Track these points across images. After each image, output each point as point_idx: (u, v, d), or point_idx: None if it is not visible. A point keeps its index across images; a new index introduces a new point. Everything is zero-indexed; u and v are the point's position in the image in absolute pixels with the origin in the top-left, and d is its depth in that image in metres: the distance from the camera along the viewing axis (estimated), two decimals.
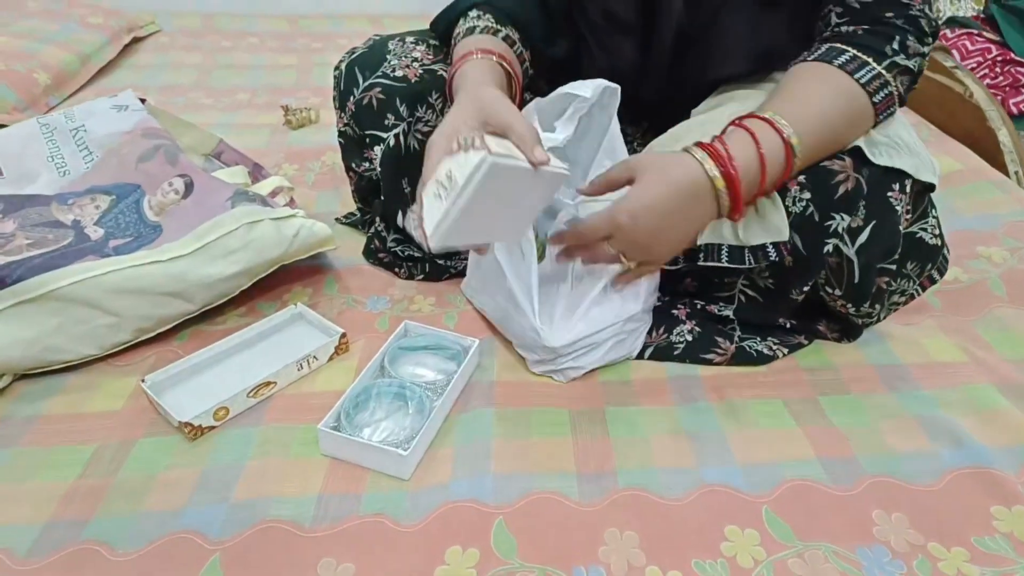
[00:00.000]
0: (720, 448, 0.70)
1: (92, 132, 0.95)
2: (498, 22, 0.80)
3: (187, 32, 1.92)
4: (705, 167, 0.64)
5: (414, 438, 0.66)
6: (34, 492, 0.63)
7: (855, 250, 0.72)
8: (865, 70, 0.68)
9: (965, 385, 0.78)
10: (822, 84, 0.68)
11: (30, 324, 0.71)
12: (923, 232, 0.78)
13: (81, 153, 0.94)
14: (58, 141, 0.93)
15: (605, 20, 0.80)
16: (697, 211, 0.66)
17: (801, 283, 0.77)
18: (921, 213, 0.77)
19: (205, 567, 0.56)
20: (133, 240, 0.81)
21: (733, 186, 0.64)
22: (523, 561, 0.58)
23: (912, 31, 0.69)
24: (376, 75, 0.87)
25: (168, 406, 0.68)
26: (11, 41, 1.51)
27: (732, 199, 0.65)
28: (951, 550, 0.59)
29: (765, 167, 0.65)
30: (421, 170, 0.89)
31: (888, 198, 0.71)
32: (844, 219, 0.70)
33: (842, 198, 0.70)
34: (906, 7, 0.69)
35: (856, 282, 0.74)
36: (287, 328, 0.83)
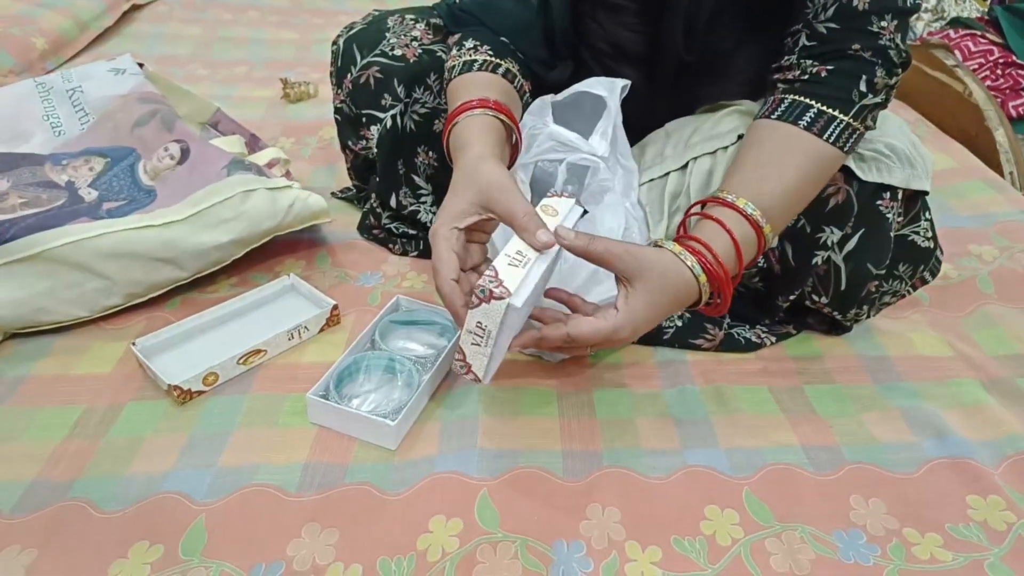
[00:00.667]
0: (705, 432, 0.70)
1: (89, 94, 0.94)
2: (497, 54, 0.76)
3: (189, 4, 1.90)
4: (695, 273, 0.62)
5: (401, 410, 0.66)
6: (21, 451, 0.64)
7: (843, 256, 0.73)
8: (833, 126, 0.66)
9: (950, 379, 0.78)
10: (786, 152, 0.66)
11: (21, 284, 0.71)
12: (915, 235, 0.79)
13: (77, 114, 0.93)
14: (54, 101, 0.93)
15: (611, 49, 0.79)
16: (684, 306, 0.66)
17: (788, 291, 0.78)
18: (913, 216, 0.78)
19: (190, 527, 0.57)
20: (127, 204, 0.81)
21: (725, 289, 0.64)
22: (506, 532, 0.58)
23: (881, 63, 0.66)
24: (374, 53, 0.87)
25: (158, 369, 0.69)
26: (10, 4, 1.50)
27: (723, 297, 0.65)
28: (925, 535, 0.60)
29: (741, 256, 0.64)
30: (417, 151, 0.90)
31: (878, 207, 0.72)
32: (835, 232, 0.71)
33: (833, 211, 0.71)
34: (875, 37, 0.66)
35: (843, 289, 0.75)
36: (279, 299, 0.83)
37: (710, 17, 0.72)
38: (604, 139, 0.74)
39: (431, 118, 0.87)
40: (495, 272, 0.57)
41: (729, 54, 0.76)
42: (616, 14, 0.76)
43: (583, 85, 0.76)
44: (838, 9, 0.66)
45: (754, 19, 0.72)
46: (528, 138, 0.77)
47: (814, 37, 0.68)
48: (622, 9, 0.76)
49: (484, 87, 0.72)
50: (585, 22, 0.79)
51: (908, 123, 1.31)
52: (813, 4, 0.68)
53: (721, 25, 0.73)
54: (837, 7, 0.66)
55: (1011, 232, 1.03)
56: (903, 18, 0.66)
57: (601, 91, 0.74)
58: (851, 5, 0.66)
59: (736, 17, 0.73)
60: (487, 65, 0.75)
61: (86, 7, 1.61)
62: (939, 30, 1.78)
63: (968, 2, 1.99)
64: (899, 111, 1.38)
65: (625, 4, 0.75)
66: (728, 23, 0.73)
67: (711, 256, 0.63)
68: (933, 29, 1.91)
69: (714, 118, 0.78)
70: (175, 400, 0.68)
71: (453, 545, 0.57)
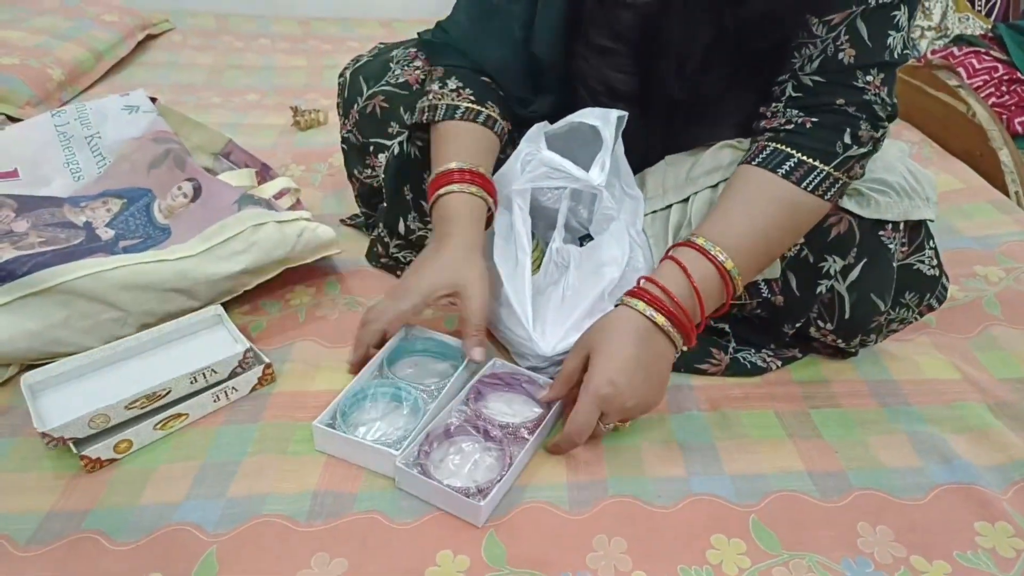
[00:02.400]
0: (710, 458, 0.71)
1: (106, 138, 0.97)
2: (478, 99, 0.79)
3: (200, 32, 1.94)
4: (638, 309, 0.66)
5: (406, 439, 0.67)
6: (36, 482, 0.65)
7: (846, 286, 0.74)
8: (812, 175, 0.67)
9: (956, 403, 0.78)
10: (760, 197, 0.68)
11: (38, 316, 0.73)
12: (920, 264, 0.79)
13: (95, 158, 0.96)
14: (73, 148, 0.96)
15: (604, 88, 0.80)
16: (657, 348, 0.67)
17: (793, 320, 0.79)
18: (918, 245, 0.78)
19: (201, 559, 0.58)
20: (142, 241, 0.83)
21: (677, 321, 0.66)
22: (512, 568, 0.59)
23: (865, 118, 0.66)
24: (380, 83, 0.89)
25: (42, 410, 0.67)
26: (27, 36, 1.53)
27: (683, 333, 0.67)
28: (933, 563, 0.60)
29: (700, 297, 0.66)
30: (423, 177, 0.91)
31: (880, 237, 0.73)
32: (837, 261, 0.72)
33: (835, 240, 0.72)
34: (860, 92, 0.66)
35: (847, 318, 0.76)
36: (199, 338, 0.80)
37: (702, 59, 0.73)
38: (602, 170, 0.75)
39: None
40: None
41: (720, 97, 0.76)
42: (607, 57, 0.77)
43: (579, 116, 0.78)
44: (823, 62, 0.67)
45: (744, 64, 0.73)
46: (523, 163, 0.79)
47: (800, 89, 0.69)
48: (613, 52, 0.77)
49: (467, 143, 0.78)
50: (577, 63, 0.80)
51: (913, 144, 1.33)
52: (800, 56, 0.68)
53: (712, 68, 0.74)
54: (822, 60, 0.67)
55: (1017, 253, 1.03)
56: (889, 71, 0.67)
57: (595, 121, 0.76)
58: (836, 58, 0.66)
59: (726, 61, 0.73)
60: (469, 113, 0.78)
61: (102, 37, 1.65)
62: (943, 48, 1.79)
63: (972, 20, 2.00)
64: (903, 132, 1.39)
65: (616, 47, 0.76)
66: (718, 67, 0.74)
67: (658, 292, 0.66)
68: (937, 47, 1.92)
69: (712, 150, 0.78)
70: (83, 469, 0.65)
71: None
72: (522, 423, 0.70)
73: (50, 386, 0.71)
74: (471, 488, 0.62)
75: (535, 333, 0.76)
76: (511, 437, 0.68)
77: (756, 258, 0.69)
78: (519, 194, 0.78)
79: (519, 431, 0.69)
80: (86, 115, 0.97)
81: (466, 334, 0.73)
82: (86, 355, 0.73)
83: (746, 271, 0.68)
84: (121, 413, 0.67)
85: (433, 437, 0.67)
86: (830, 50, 0.66)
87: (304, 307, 0.89)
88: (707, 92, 0.76)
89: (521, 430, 0.69)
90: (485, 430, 0.68)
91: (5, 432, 0.70)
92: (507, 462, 0.65)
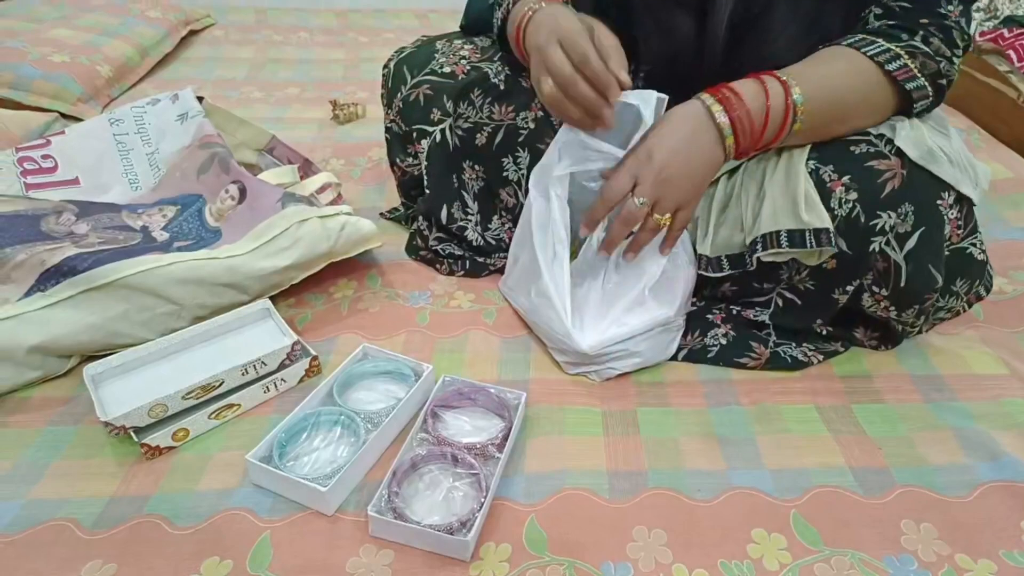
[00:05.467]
0: (750, 452, 0.71)
1: (162, 152, 1.02)
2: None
3: (241, 26, 1.98)
4: (707, 104, 0.70)
5: (336, 474, 0.63)
6: (99, 468, 0.68)
7: (903, 254, 0.72)
8: (889, 55, 0.71)
9: (1004, 399, 0.77)
10: (842, 62, 0.72)
11: (98, 310, 0.76)
12: (972, 248, 0.78)
13: (152, 171, 1.01)
14: (132, 160, 1.01)
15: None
16: (707, 143, 0.70)
17: (845, 283, 0.76)
18: (971, 229, 0.77)
19: (256, 543, 0.60)
20: (195, 242, 0.86)
21: (738, 127, 0.69)
22: (554, 555, 0.60)
23: (940, 36, 0.71)
24: (424, 72, 0.90)
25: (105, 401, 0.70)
26: (77, 34, 1.58)
27: (738, 141, 0.70)
28: (978, 562, 0.60)
29: (768, 119, 0.70)
30: (463, 167, 0.92)
31: (938, 206, 0.71)
32: (891, 216, 0.70)
33: (889, 196, 0.70)
34: (943, 17, 0.71)
35: (903, 286, 0.74)
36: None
37: None
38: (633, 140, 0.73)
39: (473, 132, 0.90)
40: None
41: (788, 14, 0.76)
42: None
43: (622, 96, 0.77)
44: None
45: None
46: (561, 149, 0.77)
47: (885, 14, 0.74)
48: None
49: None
50: None
51: (961, 131, 1.30)
52: None
53: None
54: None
55: None
56: (967, 5, 0.73)
57: (635, 101, 0.74)
58: None
59: None
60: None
61: (147, 34, 1.69)
62: (992, 29, 1.73)
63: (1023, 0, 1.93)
64: (952, 119, 1.35)
65: None
66: None
67: (735, 98, 0.69)
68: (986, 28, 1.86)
69: None
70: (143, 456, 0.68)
71: (503, 571, 0.59)
72: (489, 440, 0.68)
73: (111, 377, 0.75)
74: (453, 523, 0.59)
75: (574, 329, 0.76)
76: (481, 458, 0.66)
77: (824, 106, 0.71)
78: (558, 182, 0.77)
79: (487, 449, 0.67)
80: (146, 131, 1.02)
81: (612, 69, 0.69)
82: (144, 347, 0.76)
83: (811, 117, 0.71)
84: (178, 403, 0.70)
85: (400, 473, 0.64)
86: None
87: (347, 300, 0.92)
88: (768, 6, 0.75)
89: (489, 447, 0.67)
90: (453, 456, 0.66)
91: (69, 420, 0.73)
92: (483, 487, 0.63)
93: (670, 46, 0.81)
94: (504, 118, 0.89)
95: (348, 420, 0.70)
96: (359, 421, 0.69)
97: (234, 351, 0.77)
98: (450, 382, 0.75)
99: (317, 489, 0.62)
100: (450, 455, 0.66)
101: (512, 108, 0.88)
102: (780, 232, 0.72)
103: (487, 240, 0.97)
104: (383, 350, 0.79)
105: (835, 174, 0.72)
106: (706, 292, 0.86)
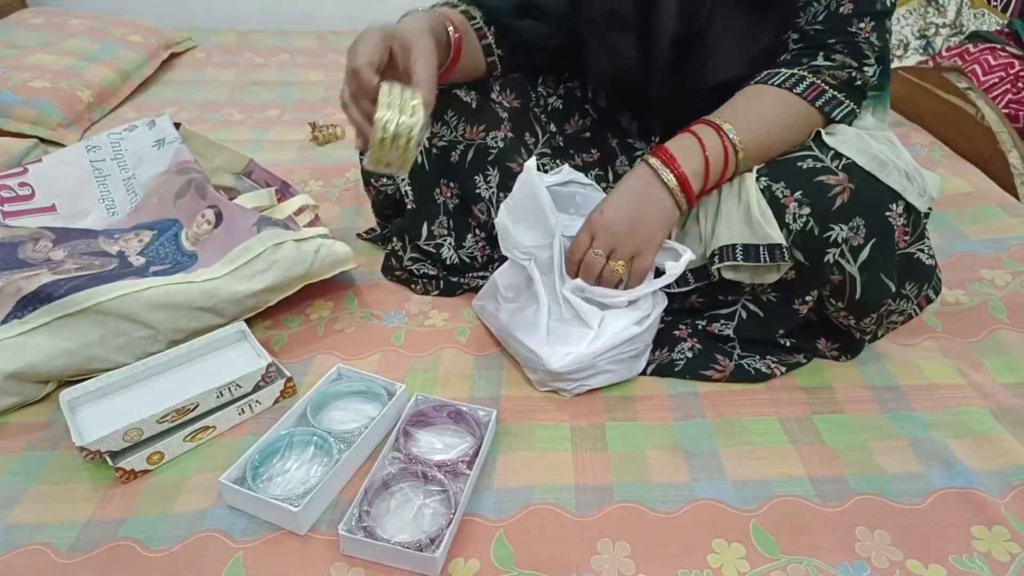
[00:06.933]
0: (713, 464, 0.73)
1: (139, 177, 1.04)
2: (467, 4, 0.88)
3: (222, 48, 2.00)
4: (653, 165, 0.77)
5: (308, 494, 0.64)
6: (75, 493, 0.69)
7: (857, 266, 0.75)
8: (792, 80, 0.78)
9: (960, 408, 0.80)
10: (760, 96, 0.80)
11: (75, 336, 0.77)
12: (920, 253, 0.81)
13: (128, 196, 1.03)
14: (109, 186, 1.04)
15: (605, 18, 0.86)
16: (656, 194, 0.77)
17: (804, 293, 0.80)
18: (918, 235, 0.80)
19: (228, 564, 0.62)
20: (171, 267, 0.88)
21: (683, 182, 0.76)
22: (521, 569, 0.62)
23: (846, 52, 0.78)
24: None
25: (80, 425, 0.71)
26: (58, 59, 1.59)
27: (685, 188, 0.77)
28: (929, 567, 0.62)
29: (709, 168, 0.76)
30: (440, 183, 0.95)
31: (886, 217, 0.74)
32: (842, 229, 0.74)
33: (839, 209, 0.74)
34: (852, 35, 0.78)
35: (858, 297, 0.77)
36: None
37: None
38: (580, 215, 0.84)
39: (448, 151, 0.93)
40: None
41: (727, 30, 0.82)
42: None
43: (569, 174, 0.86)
44: (827, 16, 0.79)
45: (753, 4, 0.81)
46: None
47: (802, 39, 0.80)
48: None
49: (438, 10, 0.85)
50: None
51: (923, 147, 1.34)
52: (806, 13, 0.80)
53: (721, 7, 0.80)
54: (826, 14, 0.79)
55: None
56: (880, 19, 0.79)
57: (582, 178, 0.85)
58: (838, 12, 0.78)
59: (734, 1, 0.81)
60: (449, 4, 0.88)
61: (128, 57, 1.71)
62: (958, 44, 1.78)
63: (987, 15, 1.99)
64: (913, 135, 1.39)
65: None
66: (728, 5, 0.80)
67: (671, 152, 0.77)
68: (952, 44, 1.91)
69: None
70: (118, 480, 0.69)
71: None
72: (459, 457, 0.70)
73: (86, 402, 0.76)
74: (423, 540, 0.61)
75: (545, 349, 0.78)
76: (451, 475, 0.68)
77: (759, 139, 0.78)
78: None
79: (457, 466, 0.69)
80: (123, 157, 1.04)
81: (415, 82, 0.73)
82: (119, 372, 0.78)
83: (750, 149, 0.78)
84: (153, 427, 0.71)
85: (372, 492, 0.65)
86: (832, 5, 0.78)
87: (323, 321, 0.93)
88: (707, 22, 0.81)
89: (459, 465, 0.69)
90: (423, 473, 0.67)
91: (46, 446, 0.74)
92: (453, 503, 0.64)
93: (617, 66, 0.88)
94: (475, 137, 0.92)
95: (321, 440, 0.71)
96: (332, 441, 0.71)
97: (209, 374, 0.79)
98: (422, 400, 0.77)
99: (289, 509, 0.63)
100: (420, 473, 0.68)
101: (483, 128, 0.91)
102: (736, 246, 0.76)
103: (461, 258, 0.99)
104: (357, 370, 0.80)
105: (787, 190, 0.75)
106: (675, 305, 0.88)
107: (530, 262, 0.81)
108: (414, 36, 0.75)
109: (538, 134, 0.98)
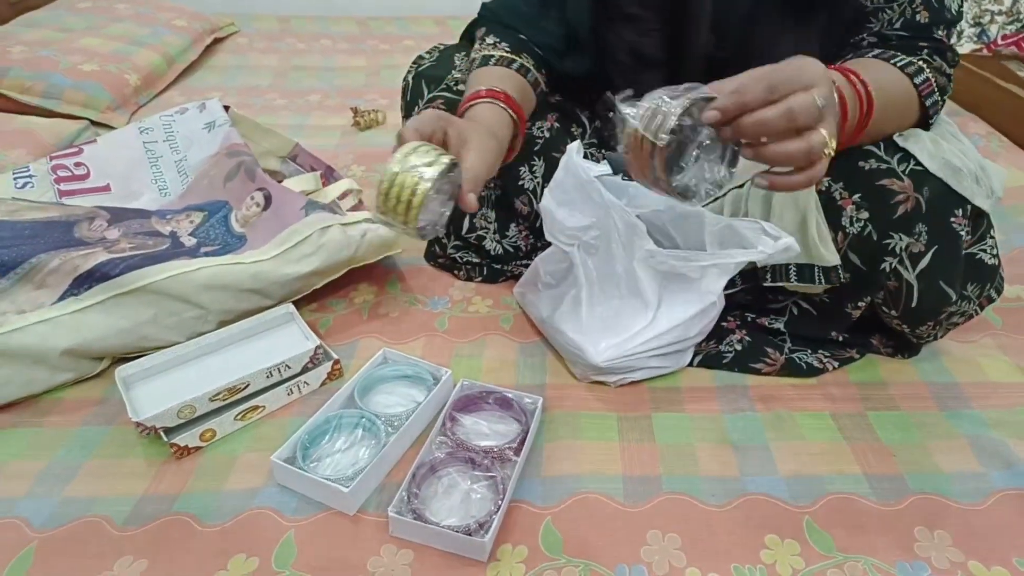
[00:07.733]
0: (764, 458, 0.72)
1: (190, 160, 1.05)
2: (513, 50, 0.84)
3: (264, 34, 2.01)
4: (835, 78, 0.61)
5: (358, 475, 0.65)
6: (130, 467, 0.70)
7: (916, 274, 0.73)
8: (902, 59, 0.72)
9: (1020, 407, 0.77)
10: (885, 69, 0.72)
11: (128, 314, 0.79)
12: (983, 253, 0.78)
13: (180, 177, 1.05)
14: (162, 167, 1.05)
15: (632, 58, 0.83)
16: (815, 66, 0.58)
17: (857, 298, 0.78)
18: (980, 235, 0.77)
19: (281, 541, 0.62)
20: (221, 248, 0.89)
21: (845, 106, 0.63)
22: (569, 557, 0.61)
23: (941, 57, 0.74)
24: (440, 88, 0.92)
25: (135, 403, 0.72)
26: (105, 43, 1.62)
27: (843, 114, 0.63)
28: (991, 568, 0.60)
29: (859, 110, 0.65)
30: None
31: (951, 223, 0.71)
32: (903, 239, 0.71)
33: (901, 218, 0.71)
34: (939, 41, 0.74)
35: (914, 306, 0.75)
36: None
37: (749, 12, 0.76)
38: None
39: None
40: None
41: (767, 46, 0.73)
42: (635, 24, 0.81)
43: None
44: (904, 23, 0.74)
45: (793, 14, 0.76)
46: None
47: (882, 43, 0.75)
48: (640, 19, 0.80)
49: (498, 79, 0.80)
50: (605, 36, 0.84)
51: (980, 137, 1.30)
52: (877, 19, 0.74)
53: (762, 18, 0.76)
54: (903, 21, 0.74)
55: None
56: (953, 27, 0.76)
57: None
58: (915, 20, 0.74)
59: (773, 11, 0.76)
60: (503, 61, 0.83)
61: (173, 42, 1.73)
62: (1014, 33, 1.72)
63: None
64: (970, 124, 1.35)
65: (643, 14, 0.80)
66: (765, 19, 0.76)
67: (857, 79, 0.65)
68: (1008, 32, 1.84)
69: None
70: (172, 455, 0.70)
71: (520, 571, 0.60)
72: (507, 444, 0.69)
73: (141, 379, 0.77)
74: (471, 524, 0.61)
75: (588, 343, 0.77)
76: (498, 461, 0.68)
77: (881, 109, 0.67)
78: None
79: (504, 453, 0.68)
80: (174, 139, 1.06)
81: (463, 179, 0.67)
82: (172, 350, 0.79)
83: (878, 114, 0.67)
84: (206, 404, 0.72)
85: (420, 475, 0.66)
86: (908, 13, 0.74)
87: (367, 305, 0.94)
88: (747, 39, 0.77)
89: (506, 451, 0.69)
90: (470, 459, 0.67)
91: (101, 421, 0.76)
92: (500, 489, 0.65)
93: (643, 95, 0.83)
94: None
95: (369, 423, 0.72)
96: (380, 424, 0.71)
97: (259, 354, 0.80)
98: (468, 386, 0.77)
99: (340, 490, 0.63)
100: (468, 458, 0.68)
101: (529, 118, 0.90)
102: (789, 267, 0.74)
103: (505, 248, 0.98)
104: (403, 354, 0.81)
105: (845, 192, 0.72)
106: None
107: (574, 248, 0.80)
108: (473, 131, 0.70)
109: (584, 124, 0.97)
